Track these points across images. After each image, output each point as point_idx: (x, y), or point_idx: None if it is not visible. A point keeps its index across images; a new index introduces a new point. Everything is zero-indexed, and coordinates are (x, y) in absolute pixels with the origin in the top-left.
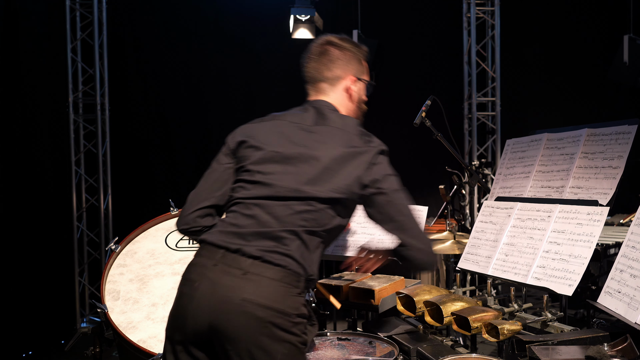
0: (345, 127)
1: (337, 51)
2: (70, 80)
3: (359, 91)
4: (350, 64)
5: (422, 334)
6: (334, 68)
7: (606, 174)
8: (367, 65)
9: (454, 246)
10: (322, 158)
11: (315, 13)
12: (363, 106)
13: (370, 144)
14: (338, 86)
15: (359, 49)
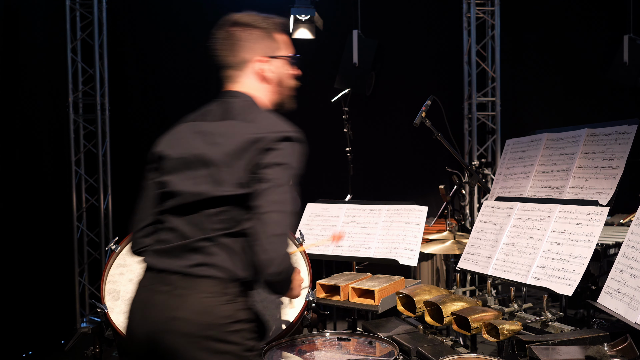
0: (250, 116)
1: (238, 31)
2: (70, 80)
3: (277, 70)
4: (257, 43)
5: (422, 334)
6: (239, 51)
7: (606, 174)
8: (285, 38)
9: (454, 246)
10: (218, 155)
11: (315, 13)
12: (287, 84)
13: (273, 128)
14: (247, 70)
15: (268, 22)
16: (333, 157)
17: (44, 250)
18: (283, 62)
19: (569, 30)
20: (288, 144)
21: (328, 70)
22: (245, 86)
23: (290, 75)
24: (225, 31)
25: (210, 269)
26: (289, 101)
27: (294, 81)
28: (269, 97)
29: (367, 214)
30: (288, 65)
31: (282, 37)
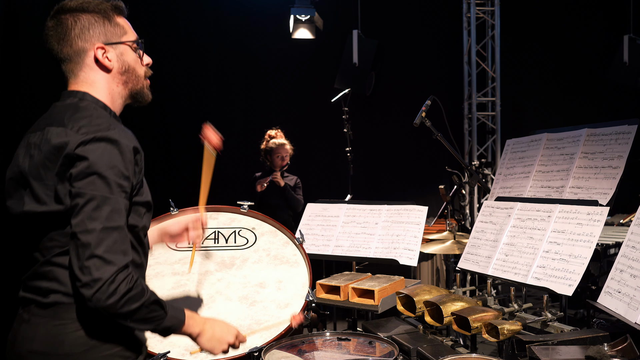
0: (66, 119)
1: (70, 19)
2: None
3: (120, 57)
4: (91, 30)
5: (422, 334)
6: (73, 41)
7: (606, 174)
8: (123, 22)
9: (454, 246)
10: (30, 169)
11: (315, 13)
12: (136, 72)
13: (83, 129)
14: (85, 60)
15: (104, 5)
16: (333, 157)
17: None
18: (128, 49)
19: (569, 30)
20: (97, 146)
21: (328, 70)
22: (85, 81)
23: (139, 62)
24: (55, 20)
25: (57, 295)
26: (143, 92)
27: (145, 68)
28: (115, 90)
29: (367, 214)
30: (134, 51)
31: (124, 21)
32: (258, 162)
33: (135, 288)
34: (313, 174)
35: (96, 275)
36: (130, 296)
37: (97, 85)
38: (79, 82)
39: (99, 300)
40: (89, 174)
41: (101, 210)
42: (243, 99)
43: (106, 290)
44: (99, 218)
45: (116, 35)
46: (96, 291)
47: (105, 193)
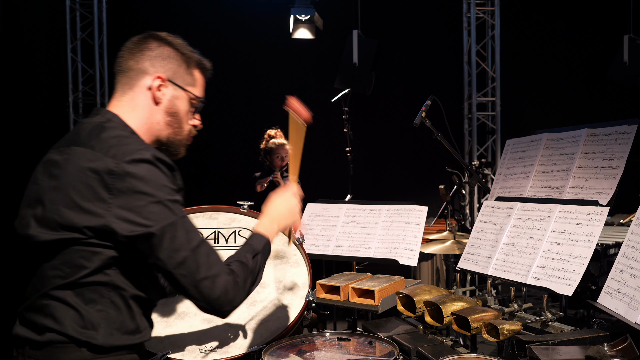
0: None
1: (155, 43)
2: (70, 80)
3: (173, 100)
4: (165, 60)
5: (422, 334)
6: (141, 59)
7: (606, 174)
8: (200, 81)
9: (454, 246)
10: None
11: (315, 13)
12: (184, 125)
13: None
14: (139, 81)
15: (190, 54)
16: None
17: None
18: (185, 98)
19: (569, 30)
20: (138, 168)
21: (328, 70)
22: (128, 102)
23: (189, 116)
24: (140, 37)
25: (51, 333)
26: (179, 145)
27: (190, 127)
28: (156, 127)
29: (367, 214)
30: (191, 105)
31: (200, 78)
32: (258, 162)
33: (239, 277)
34: (313, 174)
35: (213, 296)
36: (240, 286)
37: (137, 110)
38: (122, 100)
39: (230, 310)
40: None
41: (177, 238)
42: (243, 98)
43: (227, 300)
44: (182, 245)
45: (183, 81)
46: (223, 306)
47: (171, 219)
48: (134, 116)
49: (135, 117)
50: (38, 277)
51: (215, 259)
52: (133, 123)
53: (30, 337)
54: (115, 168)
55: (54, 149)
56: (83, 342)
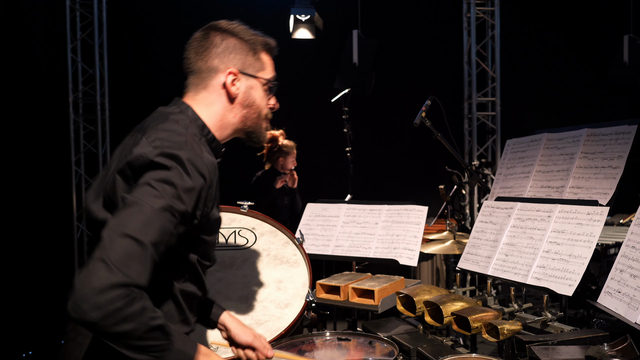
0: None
1: (217, 37)
2: (70, 80)
3: (248, 90)
4: (232, 53)
5: (422, 334)
6: (209, 57)
7: (606, 174)
8: (268, 61)
9: (454, 246)
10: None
11: (315, 13)
12: (259, 111)
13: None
14: (212, 81)
15: (253, 37)
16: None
17: (44, 250)
18: (259, 85)
19: (569, 30)
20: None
21: (328, 70)
22: (202, 101)
23: (265, 101)
24: (202, 33)
25: None
26: (260, 133)
27: (268, 110)
28: (230, 121)
29: (367, 214)
30: (265, 90)
31: (268, 59)
32: (258, 161)
33: (131, 306)
34: (313, 174)
35: (82, 281)
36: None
37: (212, 107)
38: (196, 99)
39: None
40: (143, 183)
41: (137, 216)
42: None
43: (85, 298)
44: (130, 224)
45: (253, 69)
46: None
47: (151, 203)
48: (209, 112)
49: (209, 113)
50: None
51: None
52: (206, 118)
53: None
54: (148, 155)
55: (129, 134)
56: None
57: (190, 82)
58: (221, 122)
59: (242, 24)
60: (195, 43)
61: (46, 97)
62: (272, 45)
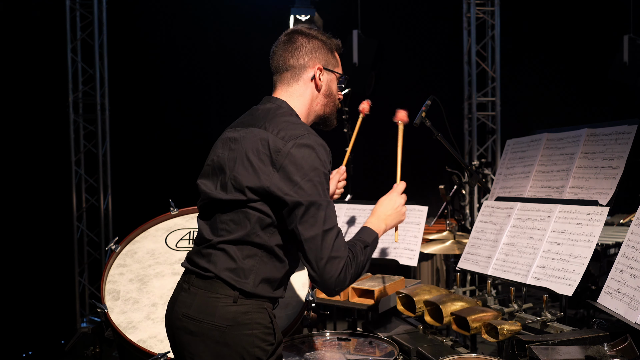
0: (267, 122)
1: (304, 39)
2: (70, 80)
3: (329, 83)
4: (317, 52)
5: (422, 334)
6: (299, 56)
7: (606, 174)
8: (339, 59)
9: (454, 246)
10: (227, 161)
11: (315, 13)
12: (336, 101)
13: (285, 133)
14: (303, 75)
15: (329, 40)
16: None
17: (44, 250)
18: (335, 79)
19: (569, 30)
20: (299, 151)
21: None
22: (294, 93)
23: (338, 93)
24: (288, 36)
25: (212, 275)
26: (332, 118)
27: (338, 101)
28: (314, 109)
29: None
30: (338, 83)
31: (338, 58)
32: None
33: (353, 264)
34: None
35: (328, 275)
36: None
37: (302, 98)
38: (289, 91)
39: (339, 290)
40: (296, 182)
41: (316, 216)
42: (243, 99)
43: (338, 281)
44: (317, 223)
45: (332, 65)
46: (335, 285)
47: (316, 198)
48: (299, 103)
49: (300, 104)
50: (210, 227)
51: (341, 244)
52: (298, 108)
53: (196, 271)
54: (282, 147)
55: (231, 128)
56: (236, 287)
57: (282, 77)
58: (309, 109)
59: (318, 29)
60: (284, 45)
61: (46, 97)
62: (340, 45)
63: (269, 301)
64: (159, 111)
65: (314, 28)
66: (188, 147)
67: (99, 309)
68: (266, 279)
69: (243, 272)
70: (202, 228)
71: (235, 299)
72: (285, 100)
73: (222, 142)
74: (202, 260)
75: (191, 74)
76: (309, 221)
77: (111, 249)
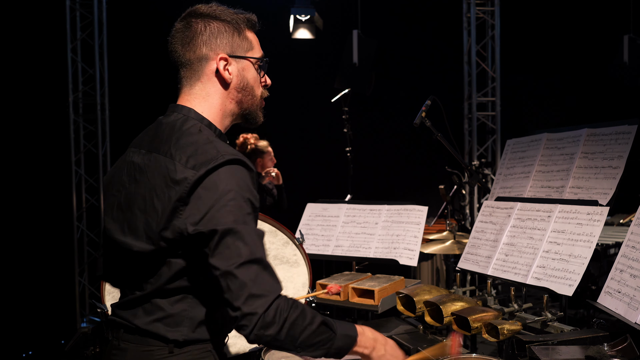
0: (173, 146)
1: (200, 23)
2: (70, 80)
3: (241, 72)
4: (218, 37)
5: (422, 334)
6: (196, 46)
7: (606, 174)
8: (254, 38)
9: (454, 246)
10: (132, 195)
11: (315, 13)
12: (254, 92)
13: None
14: (205, 70)
15: (237, 16)
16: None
17: (44, 250)
18: (250, 65)
19: (569, 30)
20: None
21: (328, 70)
22: (198, 94)
23: (260, 82)
24: (183, 22)
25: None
26: (256, 114)
27: (262, 90)
28: (228, 108)
29: (367, 214)
30: (257, 70)
31: (253, 37)
32: None
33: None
34: (313, 174)
35: (251, 310)
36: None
37: (209, 100)
38: (192, 94)
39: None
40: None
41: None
42: None
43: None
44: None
45: (242, 49)
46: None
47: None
48: (208, 106)
49: (209, 107)
50: (126, 279)
51: (267, 280)
52: (207, 113)
53: (124, 323)
54: (192, 177)
55: (135, 147)
56: (169, 339)
57: (182, 75)
58: (221, 112)
59: (221, 5)
60: (179, 34)
61: (46, 97)
62: (254, 20)
63: (210, 342)
64: (159, 111)
65: (215, 5)
66: None
67: (99, 309)
68: (203, 321)
69: (174, 320)
70: (115, 280)
71: (170, 349)
72: (191, 107)
73: (127, 167)
74: (127, 314)
75: None
76: (224, 252)
77: None
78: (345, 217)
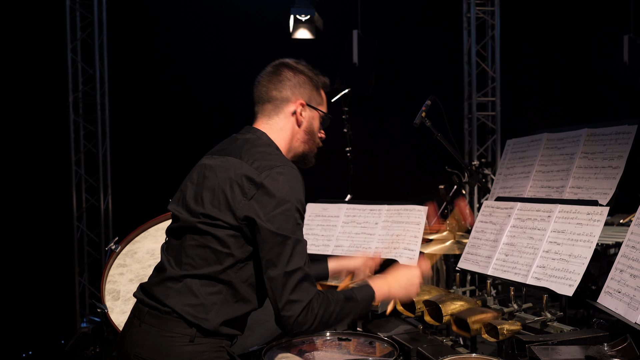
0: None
1: (289, 72)
2: (70, 80)
3: (310, 120)
4: (302, 87)
5: (422, 334)
6: (283, 88)
7: (606, 174)
8: (325, 97)
9: (454, 246)
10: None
11: (315, 13)
12: (316, 139)
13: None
14: (284, 109)
15: (317, 76)
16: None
17: (44, 250)
18: (317, 116)
19: (569, 30)
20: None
21: (328, 70)
22: (274, 126)
23: (319, 132)
24: (275, 67)
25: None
26: (312, 157)
27: (318, 140)
28: (294, 145)
29: (367, 214)
30: (321, 122)
31: (324, 96)
32: None
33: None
34: (313, 174)
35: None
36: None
37: (282, 133)
38: (269, 124)
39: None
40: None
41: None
42: (243, 99)
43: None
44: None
45: (315, 102)
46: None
47: (285, 232)
48: (280, 137)
49: (280, 137)
50: (175, 258)
51: (304, 287)
52: (278, 142)
53: (151, 304)
54: (255, 177)
55: (208, 155)
56: (193, 323)
57: (263, 108)
58: (289, 144)
59: (306, 63)
60: (269, 76)
61: (46, 97)
62: (328, 84)
63: (227, 339)
64: (159, 111)
65: (303, 63)
66: (188, 147)
67: (99, 309)
68: (228, 317)
69: (204, 309)
70: (164, 258)
71: (192, 337)
72: (265, 132)
73: (198, 168)
74: (161, 294)
75: (191, 74)
76: (273, 259)
77: (111, 249)
78: (345, 217)
